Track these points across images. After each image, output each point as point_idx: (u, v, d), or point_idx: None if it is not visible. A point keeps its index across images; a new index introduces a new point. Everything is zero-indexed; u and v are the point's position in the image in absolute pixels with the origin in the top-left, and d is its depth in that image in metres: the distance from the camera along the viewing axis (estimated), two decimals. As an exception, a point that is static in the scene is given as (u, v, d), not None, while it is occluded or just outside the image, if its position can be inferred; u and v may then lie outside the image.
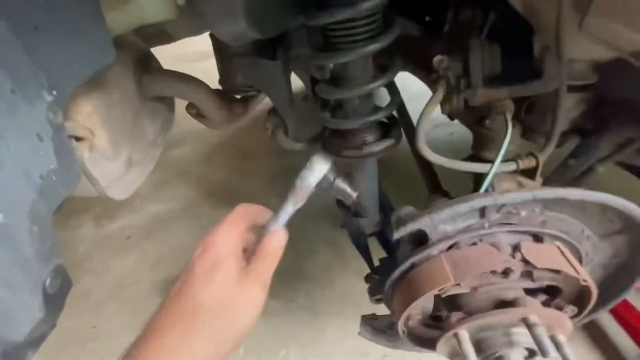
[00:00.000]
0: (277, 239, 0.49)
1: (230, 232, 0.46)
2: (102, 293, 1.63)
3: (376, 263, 1.01)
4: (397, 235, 0.53)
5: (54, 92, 0.48)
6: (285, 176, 2.15)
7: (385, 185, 1.02)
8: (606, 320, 1.21)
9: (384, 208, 1.06)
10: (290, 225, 0.56)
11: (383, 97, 0.82)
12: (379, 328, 0.80)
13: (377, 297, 0.75)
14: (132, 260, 1.76)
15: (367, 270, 0.95)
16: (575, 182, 0.93)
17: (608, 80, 0.83)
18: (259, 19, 0.63)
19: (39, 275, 0.46)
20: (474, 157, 0.74)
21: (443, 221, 0.53)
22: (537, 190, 0.47)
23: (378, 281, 0.84)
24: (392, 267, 0.90)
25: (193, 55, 3.16)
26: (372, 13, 0.63)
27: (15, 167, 0.40)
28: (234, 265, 0.43)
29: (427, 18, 1.09)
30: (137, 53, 0.87)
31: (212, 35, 0.94)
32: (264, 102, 1.24)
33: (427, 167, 0.90)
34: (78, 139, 0.61)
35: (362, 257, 0.98)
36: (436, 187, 0.84)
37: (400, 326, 0.63)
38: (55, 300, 0.51)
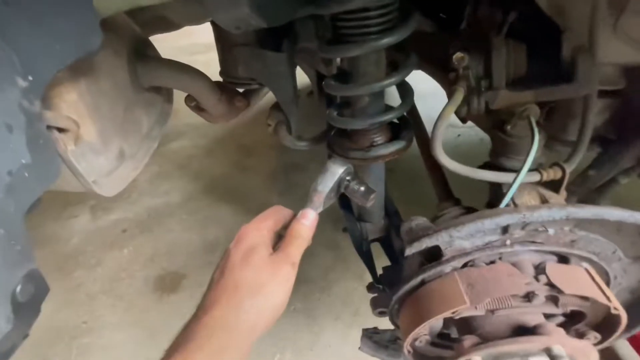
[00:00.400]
0: (305, 218, 0.54)
1: (260, 226, 0.53)
2: (94, 287, 1.58)
3: (378, 270, 0.97)
4: (410, 251, 0.47)
5: (30, 78, 0.42)
6: (286, 173, 2.09)
7: (388, 188, 0.97)
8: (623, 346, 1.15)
9: (389, 213, 1.01)
10: None
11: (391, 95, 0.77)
12: (381, 342, 0.75)
13: (381, 310, 0.70)
14: (127, 254, 1.72)
15: (369, 275, 0.90)
16: (595, 194, 0.88)
17: (636, 87, 0.77)
18: (263, 6, 0.57)
19: (6, 282, 0.41)
20: (491, 165, 0.68)
21: (461, 237, 0.47)
22: (571, 208, 0.41)
23: (382, 292, 0.79)
24: (397, 278, 0.85)
25: (196, 47, 3.09)
26: (387, 3, 0.58)
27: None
28: (265, 251, 0.50)
29: (441, 14, 1.03)
30: (132, 39, 0.81)
31: (213, 23, 0.88)
32: (267, 97, 1.18)
33: (437, 172, 0.84)
34: (61, 130, 0.55)
35: (364, 264, 0.93)
36: (447, 195, 0.79)
37: (406, 346, 0.58)
38: (26, 309, 0.46)
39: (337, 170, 0.55)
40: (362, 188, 0.56)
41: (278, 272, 0.48)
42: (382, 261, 1.00)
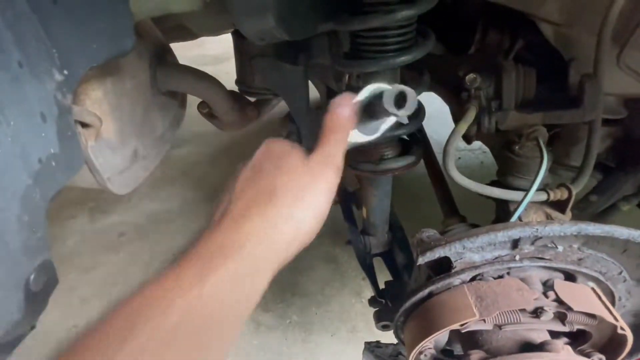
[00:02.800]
0: (343, 105, 0.42)
1: (285, 141, 0.43)
2: (87, 290, 1.55)
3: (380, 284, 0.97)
4: (422, 260, 0.48)
5: (65, 72, 0.44)
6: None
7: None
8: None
9: (392, 227, 1.02)
10: None
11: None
12: (383, 357, 0.74)
13: (384, 323, 0.70)
14: (123, 259, 1.70)
15: (367, 290, 0.90)
16: (597, 219, 0.90)
17: (636, 118, 0.81)
18: (288, 20, 0.60)
19: (23, 270, 0.41)
20: (498, 183, 0.70)
21: (472, 249, 0.48)
22: (582, 225, 0.43)
23: (384, 306, 0.79)
24: (400, 292, 0.85)
25: (206, 59, 3.16)
26: (407, 23, 0.61)
27: (13, 147, 0.36)
28: (298, 156, 0.40)
29: (450, 38, 1.08)
30: (155, 44, 0.84)
31: (234, 34, 0.92)
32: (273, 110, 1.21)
33: (443, 189, 0.86)
34: (84, 125, 0.57)
35: (367, 278, 0.93)
36: (453, 212, 0.80)
37: (411, 359, 0.57)
38: (37, 299, 0.46)
39: (372, 87, 0.43)
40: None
41: (319, 177, 0.39)
42: (382, 276, 1.00)
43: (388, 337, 0.83)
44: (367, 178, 0.83)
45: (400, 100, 0.40)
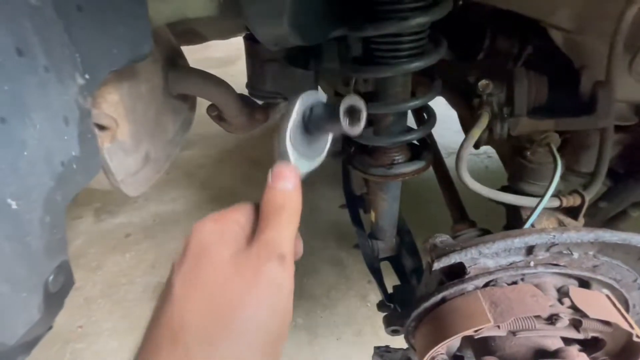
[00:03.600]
0: (282, 179, 0.33)
1: (220, 218, 0.32)
2: (93, 291, 1.56)
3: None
4: (437, 265, 0.48)
5: (87, 76, 0.45)
6: (293, 189, 2.11)
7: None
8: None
9: (401, 232, 1.02)
10: None
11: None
12: (392, 362, 0.74)
13: (394, 328, 0.70)
14: (129, 259, 1.71)
15: (372, 294, 0.90)
16: (606, 226, 0.89)
17: (647, 125, 0.81)
18: (302, 26, 0.61)
19: (43, 271, 0.42)
20: (509, 189, 0.70)
21: (487, 255, 0.48)
22: (600, 232, 0.43)
23: (394, 311, 0.79)
24: (408, 296, 0.85)
25: (211, 62, 3.18)
26: (420, 30, 0.61)
27: (38, 150, 0.36)
28: (225, 250, 0.29)
29: (460, 44, 1.08)
30: (168, 48, 0.85)
31: (245, 38, 0.92)
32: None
33: (453, 195, 0.86)
34: (100, 127, 0.57)
35: (375, 282, 0.93)
36: (462, 217, 0.80)
37: (423, 365, 0.57)
38: (55, 300, 0.46)
39: (302, 100, 0.37)
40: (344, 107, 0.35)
41: (256, 277, 0.28)
42: (388, 280, 1.00)
43: (395, 342, 0.83)
44: (376, 182, 0.83)
45: (353, 114, 0.35)
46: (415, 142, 0.80)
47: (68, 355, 1.35)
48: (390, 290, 0.92)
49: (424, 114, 0.77)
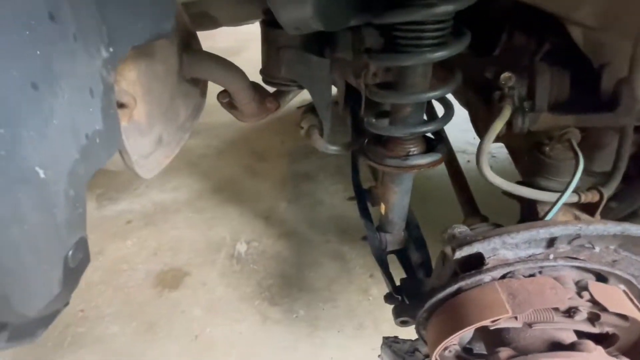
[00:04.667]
0: None
1: None
2: (94, 276, 1.55)
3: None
4: (459, 254, 0.48)
5: (111, 49, 0.44)
6: (296, 181, 2.10)
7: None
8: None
9: (409, 225, 1.02)
10: (295, 231, 0.47)
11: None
12: (399, 353, 0.74)
13: (404, 319, 0.70)
14: (130, 246, 1.70)
15: (374, 288, 0.90)
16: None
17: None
18: (325, 10, 0.60)
19: (64, 245, 0.41)
20: (526, 184, 0.70)
21: (507, 246, 0.48)
22: (627, 225, 0.43)
23: (403, 302, 0.79)
24: (416, 289, 0.85)
25: (217, 51, 3.16)
26: (444, 19, 0.61)
27: (65, 120, 0.35)
28: None
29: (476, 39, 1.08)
30: (183, 31, 0.83)
31: (262, 23, 0.91)
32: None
33: (464, 189, 0.86)
34: (120, 105, 0.56)
35: (383, 274, 0.93)
36: (474, 211, 0.80)
37: (435, 356, 0.57)
38: (73, 275, 0.46)
39: None
40: None
41: None
42: (394, 274, 1.00)
43: (400, 333, 0.83)
44: (389, 174, 0.83)
45: None
46: (430, 135, 0.80)
47: (69, 339, 1.34)
48: (397, 283, 0.92)
49: (443, 106, 0.76)
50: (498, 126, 0.59)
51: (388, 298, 0.87)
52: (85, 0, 0.38)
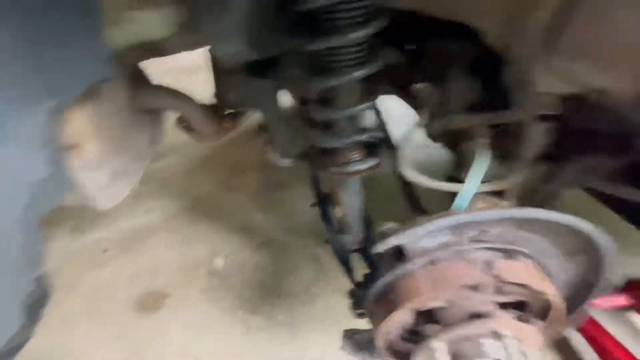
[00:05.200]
0: None
1: None
2: (73, 306, 1.56)
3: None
4: (378, 249, 0.56)
5: (54, 100, 0.49)
6: (271, 191, 2.14)
7: (369, 206, 1.06)
8: (579, 343, 1.26)
9: (367, 226, 1.10)
10: (273, 239, 0.54)
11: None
12: (361, 343, 0.81)
13: (359, 311, 0.77)
14: (108, 274, 1.70)
15: (350, 287, 0.97)
16: (542, 205, 1.00)
17: (572, 112, 0.92)
18: (256, 41, 0.67)
19: (22, 283, 0.46)
20: (454, 178, 0.79)
21: (422, 237, 0.56)
22: (513, 210, 0.51)
23: (360, 296, 0.86)
24: (373, 282, 0.93)
25: (179, 70, 3.18)
26: (359, 42, 0.69)
27: (13, 171, 0.40)
28: None
29: (407, 46, 1.17)
30: (130, 67, 0.88)
31: (210, 50, 0.97)
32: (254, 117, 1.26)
33: (407, 187, 0.94)
34: (69, 147, 0.61)
35: (345, 273, 1.00)
36: (416, 207, 0.89)
37: (380, 339, 0.65)
38: (34, 310, 0.50)
39: None
40: None
41: None
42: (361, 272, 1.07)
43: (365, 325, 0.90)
44: (337, 180, 0.91)
45: None
46: (372, 140, 0.87)
47: (51, 373, 1.35)
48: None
49: (375, 115, 0.84)
50: (415, 131, 0.68)
51: (350, 294, 0.94)
52: (23, 61, 0.43)
